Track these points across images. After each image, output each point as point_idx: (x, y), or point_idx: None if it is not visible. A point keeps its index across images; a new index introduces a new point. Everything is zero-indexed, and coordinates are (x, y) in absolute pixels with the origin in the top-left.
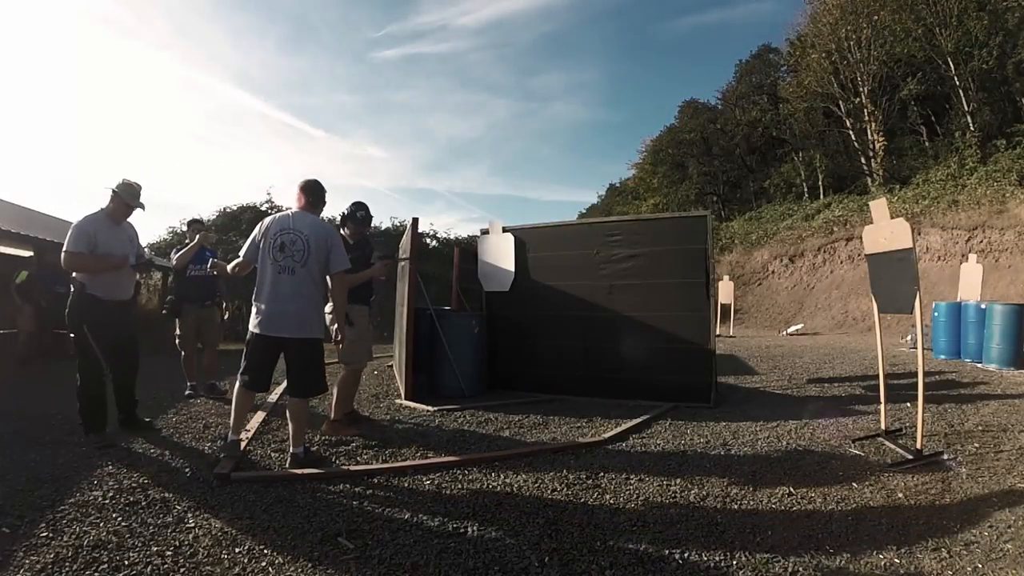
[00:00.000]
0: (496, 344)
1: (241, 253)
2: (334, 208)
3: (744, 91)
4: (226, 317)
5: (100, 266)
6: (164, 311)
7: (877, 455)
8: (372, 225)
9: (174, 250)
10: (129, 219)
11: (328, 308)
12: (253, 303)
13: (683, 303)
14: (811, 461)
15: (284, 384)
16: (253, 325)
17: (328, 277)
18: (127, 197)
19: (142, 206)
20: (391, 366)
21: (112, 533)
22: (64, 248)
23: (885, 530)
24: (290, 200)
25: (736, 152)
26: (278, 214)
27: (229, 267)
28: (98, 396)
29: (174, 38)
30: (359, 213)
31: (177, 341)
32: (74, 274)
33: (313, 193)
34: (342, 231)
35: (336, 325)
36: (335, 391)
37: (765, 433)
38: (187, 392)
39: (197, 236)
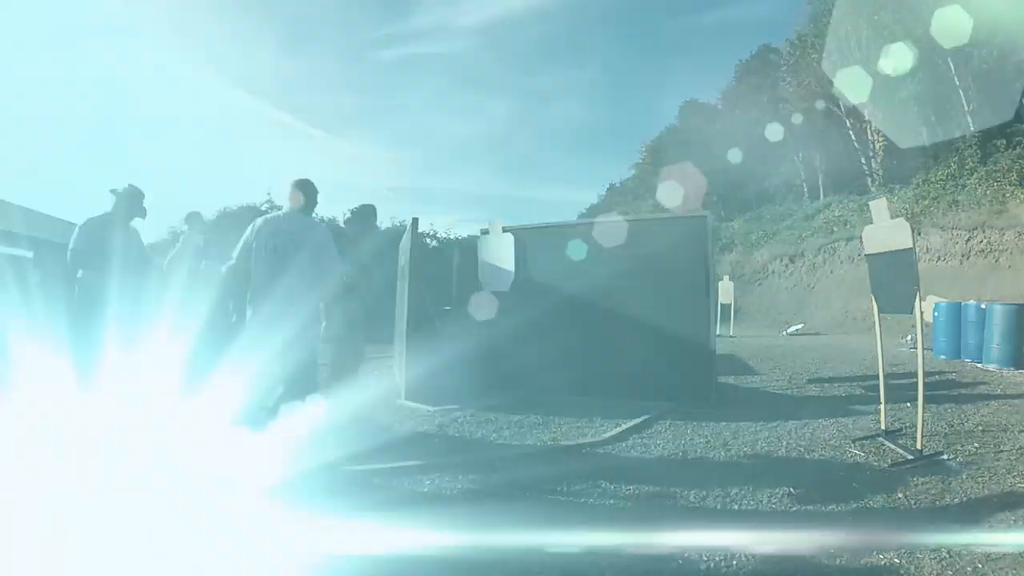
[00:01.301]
0: (496, 344)
1: (234, 255)
2: (331, 207)
3: (744, 91)
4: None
5: (105, 263)
6: None
7: (877, 455)
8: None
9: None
10: (132, 223)
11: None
12: (248, 305)
13: (683, 303)
14: (811, 461)
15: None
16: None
17: (321, 277)
18: (127, 203)
19: (143, 213)
20: (391, 366)
21: None
22: (70, 246)
23: (885, 530)
24: (287, 200)
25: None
26: (269, 215)
27: (223, 269)
28: None
29: (174, 38)
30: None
31: None
32: (80, 273)
33: (307, 193)
34: (344, 226)
35: (326, 323)
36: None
37: (765, 433)
38: None
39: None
